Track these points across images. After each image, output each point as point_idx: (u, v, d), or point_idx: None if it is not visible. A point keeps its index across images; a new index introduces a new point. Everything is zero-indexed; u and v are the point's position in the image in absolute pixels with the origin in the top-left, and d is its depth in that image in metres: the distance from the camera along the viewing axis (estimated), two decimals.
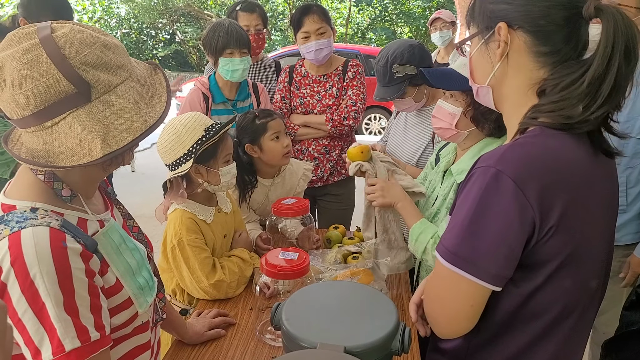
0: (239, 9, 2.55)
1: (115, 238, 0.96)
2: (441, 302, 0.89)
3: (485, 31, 0.90)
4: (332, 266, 1.62)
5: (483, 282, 0.81)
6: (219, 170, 1.59)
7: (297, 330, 0.94)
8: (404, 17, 17.71)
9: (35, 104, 0.79)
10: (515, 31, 0.86)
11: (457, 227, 0.83)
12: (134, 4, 15.83)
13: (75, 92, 0.80)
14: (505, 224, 0.78)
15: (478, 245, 0.80)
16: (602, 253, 0.90)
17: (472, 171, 0.85)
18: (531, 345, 0.89)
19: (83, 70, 0.80)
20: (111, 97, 0.83)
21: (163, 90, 0.92)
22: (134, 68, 0.90)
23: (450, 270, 0.83)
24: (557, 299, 0.86)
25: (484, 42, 0.91)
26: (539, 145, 0.82)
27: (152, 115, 0.87)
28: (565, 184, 0.80)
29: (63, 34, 0.81)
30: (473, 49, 0.94)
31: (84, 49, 0.81)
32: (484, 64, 0.93)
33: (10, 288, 0.77)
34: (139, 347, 1.01)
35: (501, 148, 0.83)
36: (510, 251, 0.80)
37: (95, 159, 0.81)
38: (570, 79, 0.82)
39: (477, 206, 0.80)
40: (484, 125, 1.42)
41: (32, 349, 0.78)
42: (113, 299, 0.91)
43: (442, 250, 0.85)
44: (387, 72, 1.88)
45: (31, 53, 0.78)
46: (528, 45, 0.86)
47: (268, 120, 1.93)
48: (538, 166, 0.79)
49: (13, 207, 0.84)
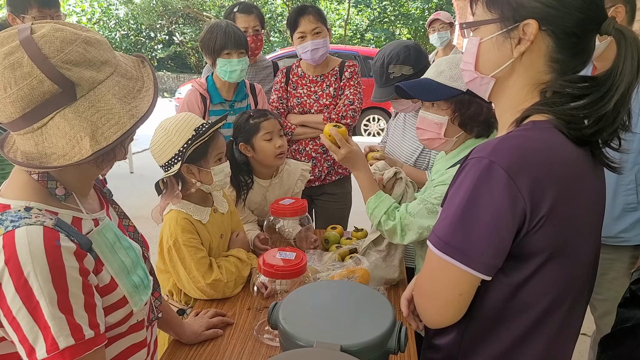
0: (237, 10, 2.56)
1: (109, 237, 0.96)
2: (431, 291, 0.90)
3: (507, 21, 0.85)
4: (329, 266, 1.62)
5: (473, 271, 0.82)
6: (211, 169, 1.59)
7: (294, 329, 0.94)
8: (402, 18, 17.76)
9: (21, 106, 0.79)
10: (541, 32, 0.83)
11: (449, 217, 0.84)
12: (133, 6, 15.86)
13: (60, 92, 0.79)
14: (497, 214, 0.79)
15: (470, 234, 0.81)
16: (590, 247, 0.91)
17: (465, 162, 0.86)
18: (522, 338, 0.90)
19: (65, 69, 0.79)
20: (97, 94, 0.82)
21: (151, 83, 0.91)
22: (120, 62, 0.89)
23: (442, 260, 0.84)
24: (546, 290, 0.86)
25: (504, 33, 0.86)
26: (532, 138, 0.83)
27: (140, 109, 0.86)
28: (556, 177, 0.80)
29: (43, 34, 0.80)
30: (486, 35, 0.89)
31: (64, 47, 0.80)
32: (495, 55, 0.89)
33: (5, 287, 0.77)
34: (135, 345, 1.00)
35: (494, 140, 0.84)
36: (501, 241, 0.81)
37: (85, 157, 0.81)
38: (594, 96, 0.82)
39: (469, 196, 0.81)
40: (472, 128, 1.42)
41: (26, 347, 0.78)
42: (108, 297, 0.91)
43: (434, 240, 0.86)
44: (384, 73, 1.89)
45: (13, 56, 0.78)
46: (549, 49, 0.84)
47: (261, 120, 1.94)
48: (530, 158, 0.80)
49: (7, 206, 0.84)
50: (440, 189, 1.41)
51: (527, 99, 0.89)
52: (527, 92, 0.89)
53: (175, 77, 15.66)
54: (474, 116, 1.40)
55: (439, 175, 1.47)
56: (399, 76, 1.87)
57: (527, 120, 0.86)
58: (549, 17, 0.82)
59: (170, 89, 15.38)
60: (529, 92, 0.89)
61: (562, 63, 0.85)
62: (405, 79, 1.85)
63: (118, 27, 16.49)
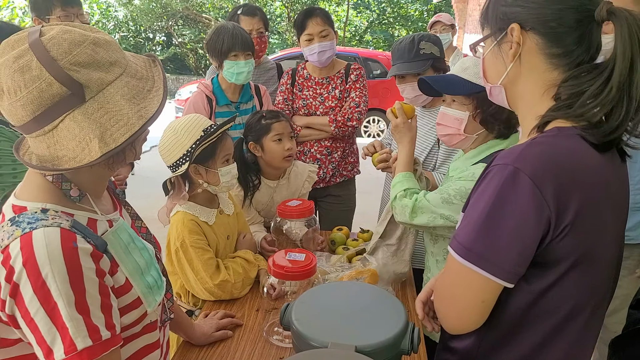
0: (240, 12, 2.56)
1: (124, 237, 0.96)
2: (452, 297, 0.89)
3: (498, 32, 0.92)
4: (338, 267, 1.63)
5: (496, 278, 0.81)
6: (218, 170, 1.60)
7: (307, 330, 0.94)
8: (401, 20, 17.81)
9: (32, 109, 0.79)
10: (528, 32, 0.87)
11: (472, 223, 0.83)
12: (132, 7, 15.84)
13: (69, 94, 0.79)
14: (522, 222, 0.79)
15: (493, 241, 0.81)
16: (613, 254, 0.91)
17: (488, 169, 0.86)
18: (542, 344, 0.89)
19: (74, 70, 0.79)
20: (105, 95, 0.82)
21: (160, 83, 0.91)
22: (129, 62, 0.88)
23: (463, 266, 0.83)
24: (568, 297, 0.86)
25: (497, 43, 0.92)
26: (557, 145, 0.82)
27: (149, 110, 0.86)
28: (581, 184, 0.80)
29: (51, 36, 0.80)
30: (486, 49, 0.96)
31: (72, 49, 0.80)
32: (497, 64, 0.94)
33: (23, 288, 0.77)
34: (149, 346, 1.01)
35: (519, 146, 0.83)
36: (525, 248, 0.80)
37: (94, 159, 0.81)
38: (595, 85, 0.82)
39: (493, 203, 0.80)
40: (494, 127, 1.41)
41: (44, 349, 0.78)
42: (123, 298, 0.91)
43: (456, 246, 0.85)
44: (414, 48, 1.92)
45: (22, 59, 0.78)
46: (540, 46, 0.87)
47: (273, 121, 1.95)
48: (556, 165, 0.79)
49: (24, 208, 0.84)
50: (460, 184, 1.41)
51: (542, 102, 0.89)
52: (539, 95, 0.89)
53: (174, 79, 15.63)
54: (496, 113, 1.38)
55: (459, 172, 1.46)
56: (428, 53, 1.91)
57: (551, 126, 0.86)
58: (527, 16, 0.86)
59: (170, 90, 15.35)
60: (541, 94, 0.89)
61: (562, 57, 0.86)
62: (434, 59, 1.91)
63: (117, 28, 16.46)
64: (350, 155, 2.58)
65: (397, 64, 1.97)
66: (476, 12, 8.85)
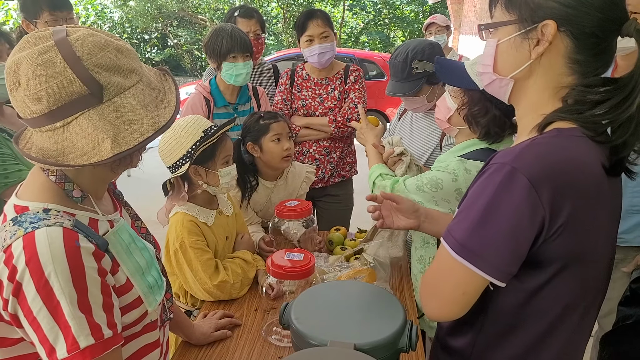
0: (237, 14, 2.57)
1: (125, 238, 0.97)
2: (436, 285, 0.90)
3: (526, 22, 0.84)
4: (336, 266, 1.64)
5: (487, 276, 0.82)
6: (218, 171, 1.61)
7: (307, 328, 0.95)
8: (397, 21, 17.85)
9: (48, 103, 0.80)
10: (559, 33, 0.82)
11: (467, 220, 0.83)
12: (128, 9, 15.81)
13: (88, 94, 0.81)
14: (516, 222, 0.79)
15: (487, 239, 0.81)
16: (606, 255, 0.91)
17: (486, 167, 0.86)
18: (535, 344, 0.90)
19: (96, 72, 0.82)
20: (122, 99, 0.85)
21: (172, 95, 0.93)
22: (145, 72, 0.91)
23: (453, 259, 0.84)
24: (560, 297, 0.87)
25: (522, 34, 0.85)
26: (556, 146, 0.82)
27: (162, 118, 0.88)
28: (577, 186, 0.80)
29: (78, 37, 0.82)
30: (504, 36, 0.88)
31: (97, 52, 0.82)
32: (513, 56, 0.87)
33: (26, 287, 0.78)
34: (149, 345, 1.01)
35: (518, 146, 0.83)
36: (518, 248, 0.81)
37: (104, 158, 0.82)
38: (616, 99, 0.81)
39: (489, 202, 0.81)
40: (476, 128, 1.46)
41: (46, 347, 0.79)
42: (124, 297, 0.92)
43: (450, 242, 0.85)
44: (406, 68, 1.84)
45: (47, 54, 0.80)
46: (567, 50, 0.83)
47: (272, 121, 1.96)
48: (553, 167, 0.79)
49: (26, 208, 0.85)
50: (433, 174, 1.51)
51: (548, 103, 0.88)
52: (548, 95, 0.88)
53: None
54: (476, 116, 1.44)
55: (438, 162, 1.56)
56: (421, 72, 1.82)
57: (551, 127, 0.85)
58: (567, 17, 0.81)
59: None
60: (550, 95, 0.87)
61: (583, 64, 0.83)
62: (428, 76, 1.84)
63: (113, 30, 16.42)
64: (349, 155, 2.60)
65: (391, 82, 1.96)
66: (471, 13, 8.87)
